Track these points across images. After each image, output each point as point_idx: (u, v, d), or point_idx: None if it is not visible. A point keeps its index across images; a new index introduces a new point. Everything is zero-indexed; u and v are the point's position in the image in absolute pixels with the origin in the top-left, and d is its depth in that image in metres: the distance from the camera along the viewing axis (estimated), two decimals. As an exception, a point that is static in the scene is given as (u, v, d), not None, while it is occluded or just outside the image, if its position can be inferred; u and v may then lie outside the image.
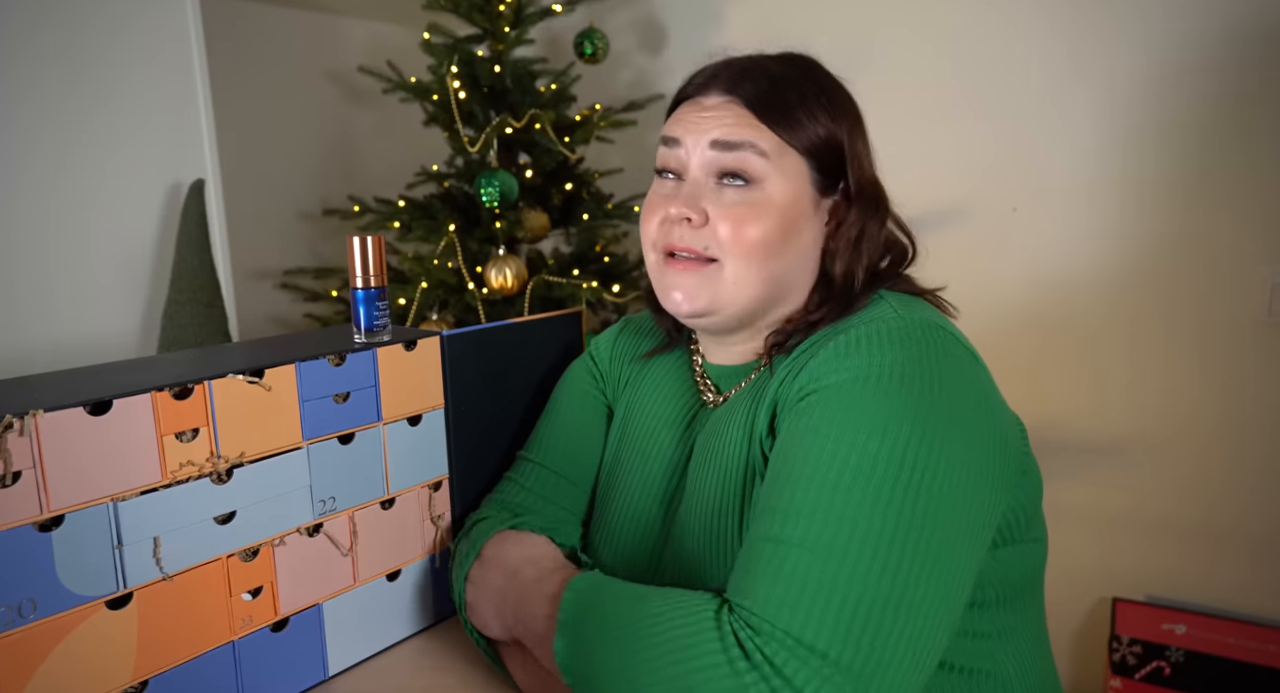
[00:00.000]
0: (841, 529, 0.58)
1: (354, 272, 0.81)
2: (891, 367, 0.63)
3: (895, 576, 0.57)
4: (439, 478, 0.89)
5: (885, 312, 0.71)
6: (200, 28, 1.57)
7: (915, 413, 0.61)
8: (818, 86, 0.75)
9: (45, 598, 0.62)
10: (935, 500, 0.59)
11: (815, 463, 0.61)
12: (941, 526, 0.59)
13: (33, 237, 1.41)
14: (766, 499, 0.64)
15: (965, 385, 0.65)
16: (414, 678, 0.82)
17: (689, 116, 0.76)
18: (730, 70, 0.76)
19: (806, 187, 0.74)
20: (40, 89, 1.39)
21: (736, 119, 0.73)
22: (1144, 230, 1.68)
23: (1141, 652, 1.71)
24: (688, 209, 0.73)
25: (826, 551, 0.57)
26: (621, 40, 2.21)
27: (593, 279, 1.80)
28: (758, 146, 0.72)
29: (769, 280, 0.74)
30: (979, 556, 0.63)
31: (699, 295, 0.74)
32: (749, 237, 0.72)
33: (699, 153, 0.74)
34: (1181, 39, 1.60)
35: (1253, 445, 1.64)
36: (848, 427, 0.61)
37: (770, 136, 0.72)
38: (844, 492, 0.59)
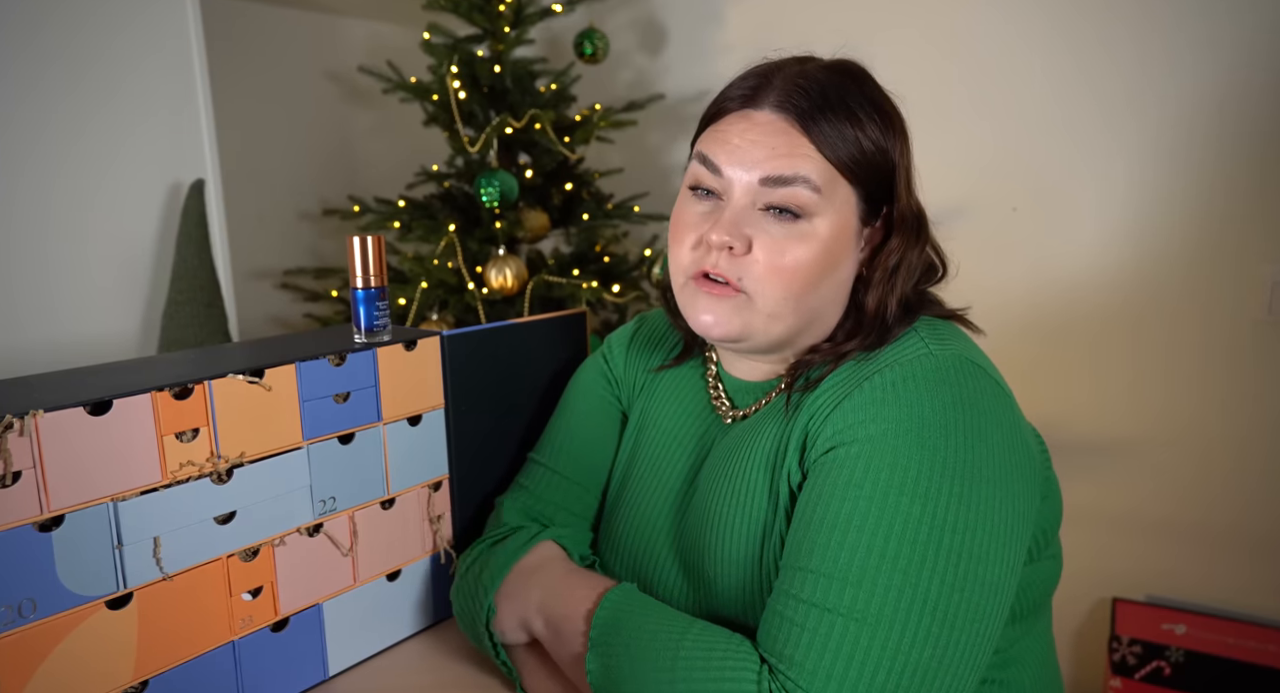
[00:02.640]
0: (887, 600, 0.59)
1: (354, 272, 0.81)
2: (930, 417, 0.63)
3: (936, 643, 0.59)
4: (439, 478, 0.89)
5: (917, 347, 0.69)
6: (200, 27, 1.57)
7: (955, 470, 0.62)
8: (873, 104, 0.71)
9: (45, 598, 0.62)
10: (976, 562, 0.61)
11: (860, 526, 0.61)
12: (981, 585, 0.61)
13: (33, 236, 1.41)
14: (806, 557, 0.63)
15: (998, 427, 0.65)
16: (414, 678, 0.82)
17: (734, 138, 0.71)
18: (781, 80, 0.71)
19: (853, 218, 0.71)
20: (40, 89, 1.39)
21: (789, 147, 0.69)
22: (1144, 229, 1.68)
23: (1141, 652, 1.71)
24: (731, 238, 0.69)
25: (874, 622, 0.59)
26: (621, 40, 2.21)
27: (593, 279, 1.80)
28: (811, 182, 0.68)
29: (804, 314, 0.71)
30: (1010, 600, 0.64)
31: (731, 322, 0.71)
32: (791, 272, 0.69)
33: (743, 185, 0.70)
34: (1181, 39, 1.60)
35: (1253, 445, 1.64)
36: (891, 488, 0.62)
37: (822, 166, 0.68)
38: (890, 561, 0.60)
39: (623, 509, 0.86)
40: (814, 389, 0.71)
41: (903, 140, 0.73)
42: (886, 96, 0.74)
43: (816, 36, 0.93)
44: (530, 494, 0.88)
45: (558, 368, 0.99)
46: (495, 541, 0.84)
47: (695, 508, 0.77)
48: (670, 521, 0.81)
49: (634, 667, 0.64)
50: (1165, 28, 1.61)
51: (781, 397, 0.75)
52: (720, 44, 2.11)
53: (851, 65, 0.74)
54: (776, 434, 0.72)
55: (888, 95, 0.74)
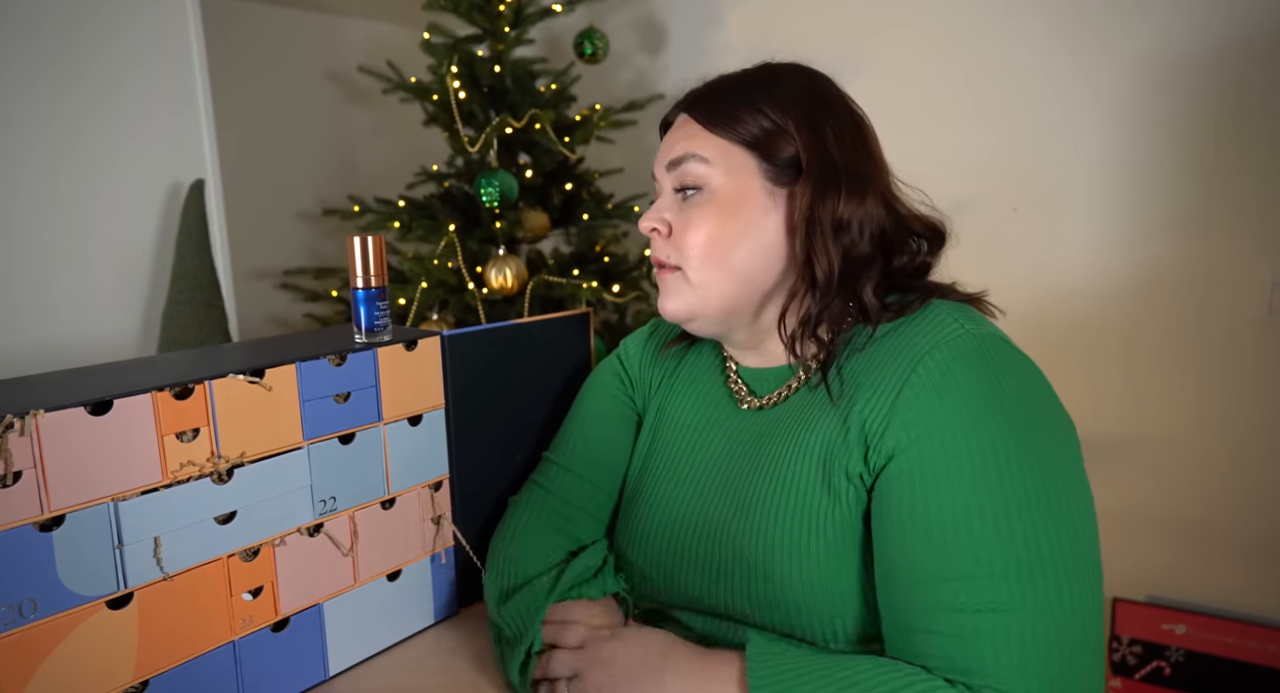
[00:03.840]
0: (1035, 581, 0.61)
1: (354, 272, 0.81)
2: (993, 395, 0.66)
3: (1083, 605, 0.62)
4: (439, 478, 0.89)
5: (953, 328, 0.70)
6: (200, 28, 1.57)
7: (1030, 441, 0.65)
8: (767, 83, 0.78)
9: (46, 598, 0.62)
10: (1079, 520, 0.64)
11: (980, 517, 0.63)
12: (1089, 540, 0.64)
13: (33, 236, 1.41)
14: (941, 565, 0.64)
15: (1046, 398, 0.69)
16: (414, 678, 0.82)
17: (663, 145, 0.82)
18: (691, 92, 0.83)
19: (755, 178, 0.76)
20: (40, 89, 1.39)
21: (686, 134, 0.79)
22: (1144, 229, 1.68)
23: (1141, 652, 1.71)
24: (650, 221, 0.80)
25: (1034, 608, 0.61)
26: (621, 40, 2.21)
27: (593, 279, 1.80)
28: (698, 155, 0.77)
29: (732, 276, 0.76)
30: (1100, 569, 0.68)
31: (675, 302, 0.79)
32: (697, 237, 0.76)
33: (662, 175, 0.81)
34: (1181, 40, 1.60)
35: (1253, 445, 1.64)
36: (989, 472, 0.64)
37: (712, 141, 0.77)
38: (1020, 543, 0.62)
39: (643, 501, 0.86)
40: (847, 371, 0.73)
41: (809, 107, 0.77)
42: (800, 75, 0.80)
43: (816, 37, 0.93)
44: (548, 493, 0.90)
45: (562, 368, 0.99)
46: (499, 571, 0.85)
47: (730, 497, 0.78)
48: (695, 510, 0.80)
49: None
50: (1164, 29, 1.61)
51: (806, 386, 0.77)
52: (720, 44, 2.11)
53: (767, 63, 0.83)
54: (825, 428, 0.73)
55: (804, 75, 0.80)
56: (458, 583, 0.92)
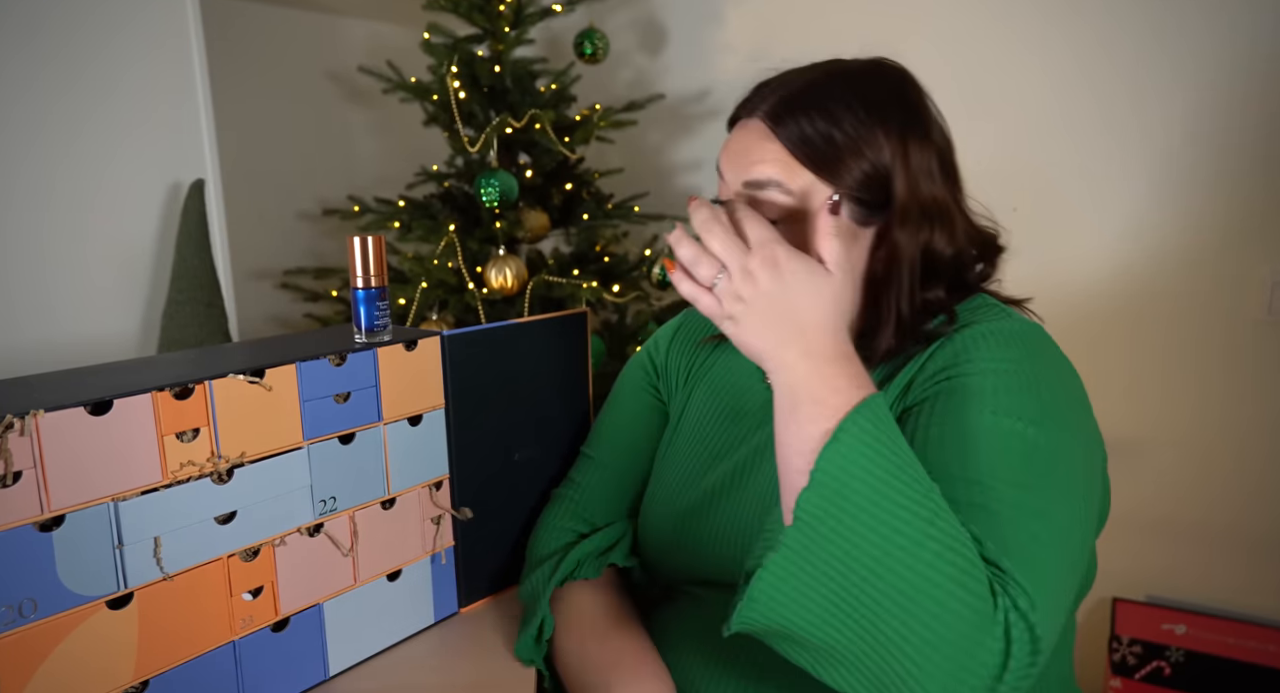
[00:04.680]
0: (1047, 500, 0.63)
1: (354, 272, 0.81)
2: (1038, 363, 0.69)
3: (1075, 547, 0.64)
4: (439, 478, 0.89)
5: (1001, 316, 0.73)
6: (200, 27, 1.57)
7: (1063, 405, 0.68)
8: (856, 100, 0.72)
9: (46, 598, 0.62)
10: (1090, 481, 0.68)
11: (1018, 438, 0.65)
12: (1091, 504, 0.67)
13: (31, 236, 1.41)
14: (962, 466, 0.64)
15: (1082, 396, 0.72)
16: (414, 678, 0.82)
17: (734, 147, 0.76)
18: (777, 95, 0.74)
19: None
20: (38, 88, 1.39)
21: (767, 154, 0.73)
22: (1144, 229, 1.68)
23: (1141, 652, 1.71)
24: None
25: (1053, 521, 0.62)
26: (621, 40, 2.21)
27: (593, 279, 1.80)
28: (782, 185, 0.72)
29: None
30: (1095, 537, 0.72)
31: None
32: None
33: (734, 185, 0.75)
34: (1181, 39, 1.60)
35: (1253, 445, 1.64)
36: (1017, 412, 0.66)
37: (798, 171, 0.72)
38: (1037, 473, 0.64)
39: (671, 477, 0.88)
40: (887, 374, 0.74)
41: (903, 137, 0.72)
42: (888, 91, 0.75)
43: (816, 37, 0.93)
44: (573, 483, 0.96)
45: (560, 368, 0.99)
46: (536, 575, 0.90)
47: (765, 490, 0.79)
48: (718, 498, 0.82)
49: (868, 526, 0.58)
50: (1165, 28, 1.61)
51: None
52: (720, 44, 2.11)
53: (855, 65, 0.77)
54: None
55: (894, 90, 0.75)
56: (457, 583, 0.92)
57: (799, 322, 0.63)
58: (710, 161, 2.19)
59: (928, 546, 0.56)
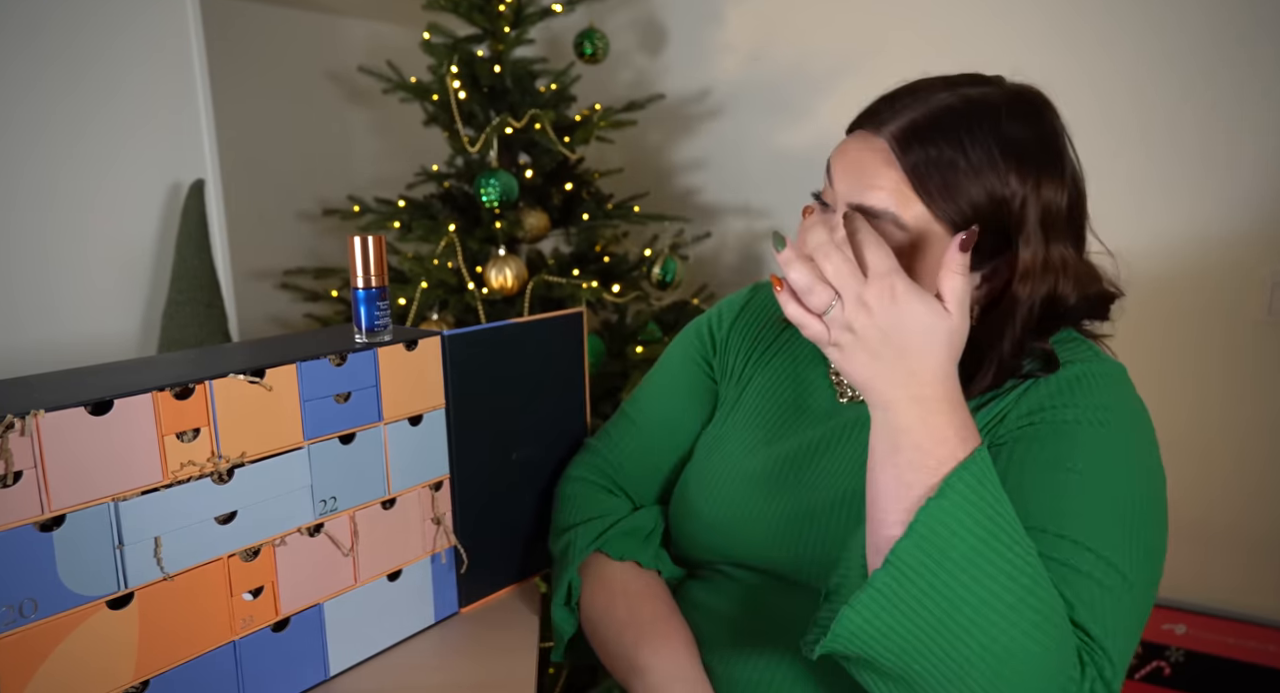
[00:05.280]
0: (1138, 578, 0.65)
1: (355, 272, 0.81)
2: (1122, 410, 0.70)
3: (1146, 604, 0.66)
4: (440, 478, 0.89)
5: (1085, 352, 0.75)
6: (200, 27, 1.57)
7: (1152, 457, 0.70)
8: (995, 136, 0.67)
9: (46, 598, 0.62)
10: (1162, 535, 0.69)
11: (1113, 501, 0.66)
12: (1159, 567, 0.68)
13: (32, 236, 1.41)
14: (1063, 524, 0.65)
15: (1154, 435, 0.73)
16: (414, 678, 0.82)
17: (849, 153, 0.71)
18: (908, 116, 0.69)
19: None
20: (40, 89, 1.39)
21: (885, 181, 0.68)
22: (1144, 229, 1.68)
23: (1141, 652, 1.71)
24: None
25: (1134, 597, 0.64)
26: (621, 40, 2.21)
27: (593, 279, 1.80)
28: (899, 221, 0.68)
29: None
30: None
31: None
32: None
33: (844, 204, 0.71)
34: (1180, 38, 1.60)
35: (1252, 445, 1.64)
36: (1129, 468, 0.67)
37: (919, 209, 0.67)
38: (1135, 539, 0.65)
39: (721, 454, 0.87)
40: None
41: (1037, 183, 0.68)
42: (1028, 130, 0.69)
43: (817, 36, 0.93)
44: (610, 443, 0.96)
45: (557, 367, 0.99)
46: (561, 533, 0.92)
47: (802, 474, 0.80)
48: (771, 481, 0.82)
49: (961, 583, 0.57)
50: (1165, 26, 1.61)
51: None
52: (720, 44, 2.11)
53: (996, 96, 0.71)
54: None
55: (1034, 129, 0.70)
56: (457, 583, 0.92)
57: (910, 362, 0.61)
58: (711, 161, 2.19)
59: (1024, 613, 0.57)
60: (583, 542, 0.87)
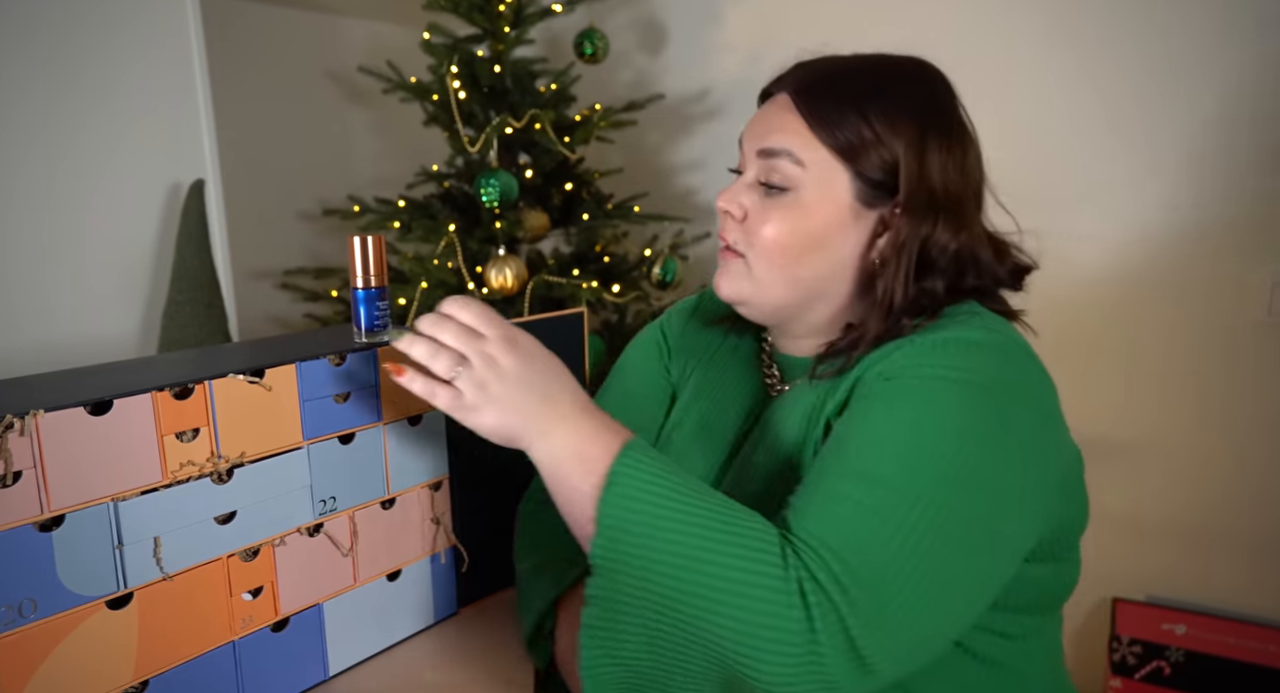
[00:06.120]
0: (909, 508, 0.61)
1: (354, 272, 0.81)
2: (978, 374, 0.66)
3: (931, 556, 0.60)
4: (439, 478, 0.89)
5: (974, 322, 0.71)
6: (200, 27, 1.57)
7: (989, 424, 0.64)
8: (881, 86, 0.74)
9: (45, 598, 0.62)
10: (988, 507, 0.63)
11: (896, 446, 0.63)
12: (987, 531, 0.63)
13: (31, 237, 1.41)
14: (829, 461, 0.65)
15: (1038, 408, 0.68)
16: (414, 678, 0.82)
17: (756, 118, 0.79)
18: (805, 70, 0.77)
19: (845, 196, 0.73)
20: (38, 88, 1.39)
21: (785, 125, 0.74)
22: (1144, 230, 1.68)
23: (1141, 652, 1.71)
24: (727, 203, 0.77)
25: (890, 519, 0.60)
26: (621, 40, 2.21)
27: (593, 279, 1.80)
28: (794, 155, 0.73)
29: (794, 284, 0.75)
30: (1012, 564, 0.66)
31: (731, 285, 0.78)
32: (771, 242, 0.74)
33: (751, 159, 0.77)
34: (1180, 38, 1.60)
35: (1253, 445, 1.64)
36: (929, 424, 0.64)
37: (811, 142, 0.73)
38: (911, 477, 0.62)
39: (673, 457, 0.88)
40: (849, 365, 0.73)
41: (923, 128, 0.72)
42: (916, 85, 0.75)
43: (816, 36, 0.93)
44: None
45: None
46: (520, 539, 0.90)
47: (739, 472, 0.81)
48: (714, 481, 0.83)
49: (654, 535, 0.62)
50: (1167, 27, 1.61)
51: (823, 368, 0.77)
52: (720, 44, 2.11)
53: (889, 58, 0.77)
54: (819, 394, 0.75)
55: (924, 85, 0.75)
56: (457, 583, 0.92)
57: (547, 392, 0.68)
58: (710, 162, 2.19)
59: (715, 540, 0.60)
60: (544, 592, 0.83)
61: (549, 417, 0.67)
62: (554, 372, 0.70)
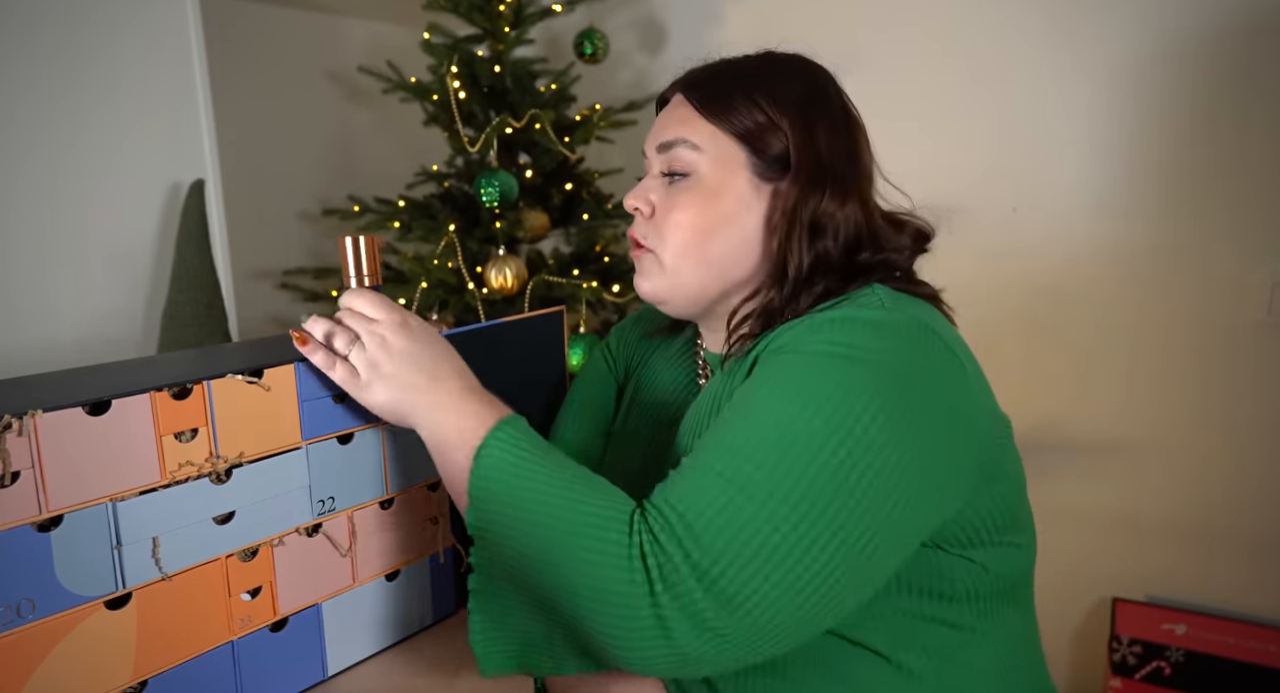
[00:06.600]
0: (768, 480, 0.61)
1: (346, 273, 0.81)
2: (864, 350, 0.65)
3: (798, 533, 0.59)
4: (438, 478, 0.89)
5: (872, 301, 0.71)
6: (200, 27, 1.57)
7: (872, 400, 0.63)
8: (767, 75, 0.79)
9: (44, 598, 0.62)
10: (862, 489, 0.61)
11: (766, 420, 0.63)
12: (856, 512, 0.61)
13: (32, 236, 1.41)
14: (710, 432, 0.67)
15: (933, 387, 0.66)
16: (413, 678, 0.82)
17: (657, 122, 0.83)
18: (689, 72, 0.83)
19: (742, 171, 0.77)
20: (39, 88, 1.39)
21: (679, 118, 0.79)
22: (1144, 229, 1.68)
23: (1141, 652, 1.71)
24: (634, 200, 0.81)
25: (746, 489, 0.61)
26: (621, 40, 2.21)
27: (593, 279, 1.80)
28: (689, 141, 0.77)
29: (707, 265, 0.78)
30: (896, 549, 0.64)
31: (648, 282, 0.81)
32: (678, 224, 0.77)
33: (652, 155, 0.82)
34: (1181, 37, 1.60)
35: (1253, 445, 1.64)
36: (805, 401, 0.63)
37: (704, 128, 0.77)
38: (781, 452, 0.61)
39: (608, 469, 0.90)
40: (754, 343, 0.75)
41: (806, 104, 0.77)
42: (798, 69, 0.80)
43: (817, 36, 0.93)
44: None
45: (539, 366, 1.00)
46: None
47: (670, 453, 0.83)
48: (646, 471, 0.85)
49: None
50: (1165, 27, 1.61)
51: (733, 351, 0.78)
52: (720, 44, 2.11)
53: (768, 52, 0.83)
54: (725, 379, 0.76)
55: (802, 69, 0.81)
56: (456, 583, 0.92)
57: (434, 372, 0.72)
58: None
59: (570, 509, 0.62)
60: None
61: (435, 393, 0.71)
62: (443, 354, 0.73)
